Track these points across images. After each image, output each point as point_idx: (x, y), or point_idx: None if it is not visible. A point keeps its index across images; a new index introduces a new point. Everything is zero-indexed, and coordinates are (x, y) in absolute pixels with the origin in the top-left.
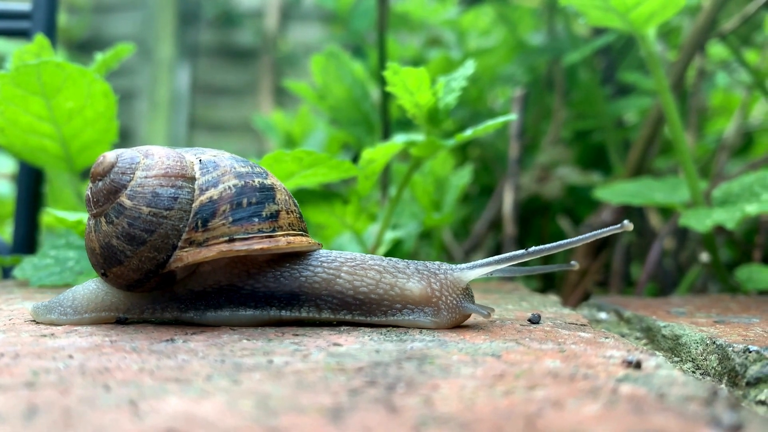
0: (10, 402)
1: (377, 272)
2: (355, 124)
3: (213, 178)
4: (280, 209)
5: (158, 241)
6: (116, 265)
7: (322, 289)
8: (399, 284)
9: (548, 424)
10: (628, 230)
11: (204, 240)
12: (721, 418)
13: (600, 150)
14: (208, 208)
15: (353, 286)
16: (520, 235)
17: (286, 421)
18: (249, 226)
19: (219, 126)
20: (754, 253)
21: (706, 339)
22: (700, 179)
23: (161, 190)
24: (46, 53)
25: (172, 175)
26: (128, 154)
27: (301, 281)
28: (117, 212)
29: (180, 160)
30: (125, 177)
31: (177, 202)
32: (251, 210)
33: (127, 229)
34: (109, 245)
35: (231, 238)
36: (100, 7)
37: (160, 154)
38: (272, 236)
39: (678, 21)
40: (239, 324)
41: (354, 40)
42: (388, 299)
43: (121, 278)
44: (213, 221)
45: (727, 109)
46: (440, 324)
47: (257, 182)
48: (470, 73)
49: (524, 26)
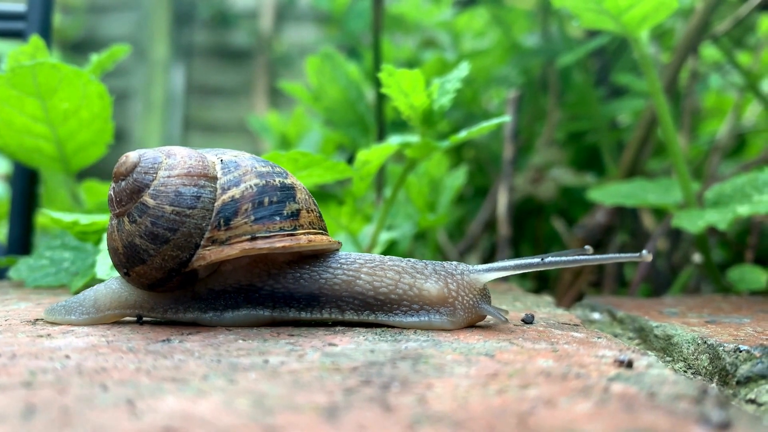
0: (8, 402)
1: (396, 273)
2: (350, 126)
3: (234, 178)
4: (301, 208)
5: (181, 240)
6: (139, 264)
7: (342, 291)
8: (417, 285)
9: (540, 423)
10: (646, 261)
11: (226, 238)
12: (710, 415)
13: (594, 151)
14: (230, 207)
15: (373, 287)
16: (515, 236)
17: (281, 420)
18: (271, 225)
19: (214, 127)
20: (746, 253)
21: (698, 339)
22: (694, 180)
23: (184, 189)
24: (42, 54)
25: (194, 175)
26: (150, 154)
27: (321, 283)
28: (140, 211)
29: (202, 159)
30: (148, 176)
31: (200, 201)
32: (273, 209)
33: (151, 228)
34: (132, 244)
35: (253, 237)
36: (95, 8)
37: (182, 154)
38: (293, 234)
39: (671, 23)
40: (257, 324)
41: (349, 42)
42: (407, 300)
43: (144, 277)
44: (235, 220)
45: (719, 111)
46: (456, 324)
47: (278, 181)
48: (465, 74)
49: (518, 28)
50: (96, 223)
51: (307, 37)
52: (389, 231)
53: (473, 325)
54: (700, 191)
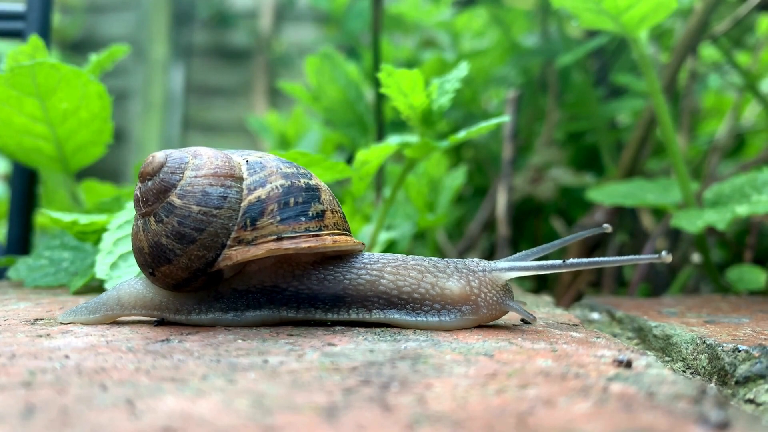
0: (8, 401)
1: (419, 272)
2: (349, 125)
3: (260, 179)
4: (326, 209)
5: (208, 240)
6: (165, 264)
7: (367, 291)
8: (440, 284)
9: (539, 422)
10: (666, 261)
11: (253, 239)
12: (708, 415)
13: (593, 151)
14: (256, 207)
15: (397, 286)
16: (514, 236)
17: (281, 420)
18: (296, 225)
19: (213, 126)
20: (745, 253)
21: (697, 339)
22: (693, 180)
23: (211, 189)
24: (41, 54)
25: (221, 175)
26: (177, 154)
27: (345, 284)
28: (167, 211)
29: (228, 160)
30: (175, 176)
31: (226, 201)
32: (298, 209)
33: (177, 228)
34: (158, 244)
35: (279, 237)
36: (94, 8)
37: (208, 154)
38: (319, 235)
39: (670, 23)
40: (280, 323)
41: (348, 42)
42: (429, 298)
43: (169, 277)
44: (261, 220)
45: (718, 111)
46: (480, 320)
47: (303, 182)
48: (464, 74)
49: (518, 28)
50: (95, 223)
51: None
52: (388, 231)
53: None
54: (699, 191)
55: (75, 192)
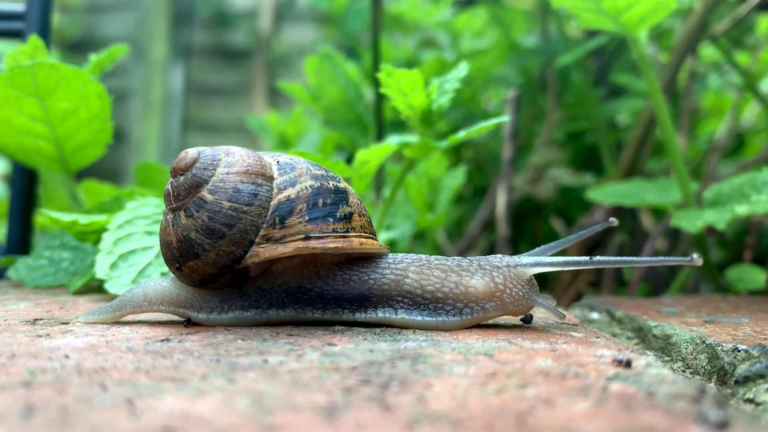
0: (8, 401)
1: (442, 271)
2: (349, 125)
3: (291, 179)
4: (353, 211)
5: (237, 236)
6: (193, 259)
7: (392, 290)
8: (463, 282)
9: (539, 422)
10: (697, 264)
11: (281, 237)
12: (708, 415)
13: (592, 151)
14: (285, 206)
15: (421, 285)
16: (514, 236)
17: (281, 419)
18: (324, 226)
19: (212, 126)
20: (744, 253)
21: (696, 338)
22: (692, 180)
23: (242, 186)
24: (40, 54)
25: (252, 173)
26: (209, 151)
27: (370, 283)
28: (197, 206)
29: (259, 159)
30: (207, 172)
31: (257, 198)
32: (326, 210)
33: (207, 223)
34: (188, 238)
35: (307, 236)
36: (94, 8)
37: (240, 153)
38: (346, 236)
39: (670, 23)
40: (305, 322)
41: (348, 42)
42: (452, 297)
43: (196, 272)
44: (290, 219)
45: (718, 111)
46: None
47: (332, 185)
48: (464, 74)
49: (517, 28)
50: (95, 223)
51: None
52: (388, 231)
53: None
54: (698, 191)
55: (75, 192)
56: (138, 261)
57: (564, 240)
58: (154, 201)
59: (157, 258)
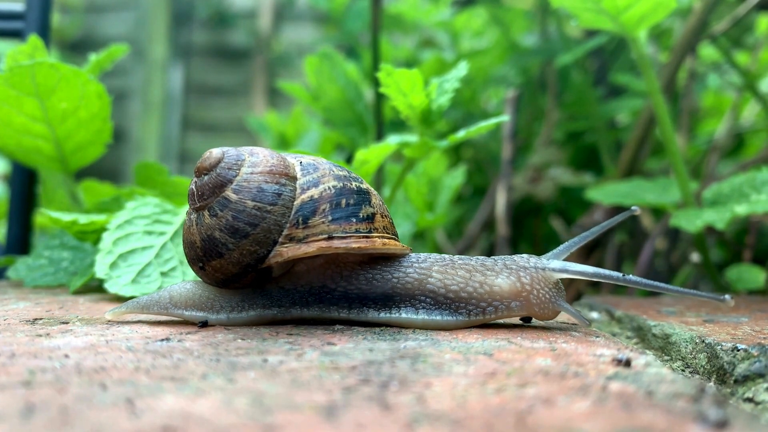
0: (8, 401)
1: (466, 271)
2: (348, 125)
3: (314, 179)
4: (376, 212)
5: (260, 235)
6: (216, 258)
7: (414, 289)
8: (488, 281)
9: (538, 421)
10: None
11: (304, 237)
12: (707, 414)
13: (592, 151)
14: (309, 206)
15: (444, 284)
16: (513, 236)
17: (280, 419)
18: (347, 226)
19: (212, 126)
20: (744, 253)
21: (696, 338)
22: (692, 180)
23: (266, 186)
24: (40, 54)
25: (276, 173)
26: (233, 151)
27: (393, 282)
28: (222, 205)
29: (283, 160)
30: (231, 172)
31: (280, 198)
32: (349, 210)
33: (231, 222)
34: (211, 237)
35: (330, 236)
36: (93, 7)
37: (264, 153)
38: (369, 237)
39: (669, 23)
40: (330, 320)
41: (347, 41)
42: (476, 297)
43: (219, 272)
44: (313, 219)
45: (718, 111)
46: (537, 317)
47: (354, 185)
48: (463, 74)
49: (517, 28)
50: (94, 222)
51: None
52: None
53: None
54: (698, 191)
55: (74, 192)
56: (138, 261)
57: (585, 234)
58: (154, 201)
59: (157, 258)
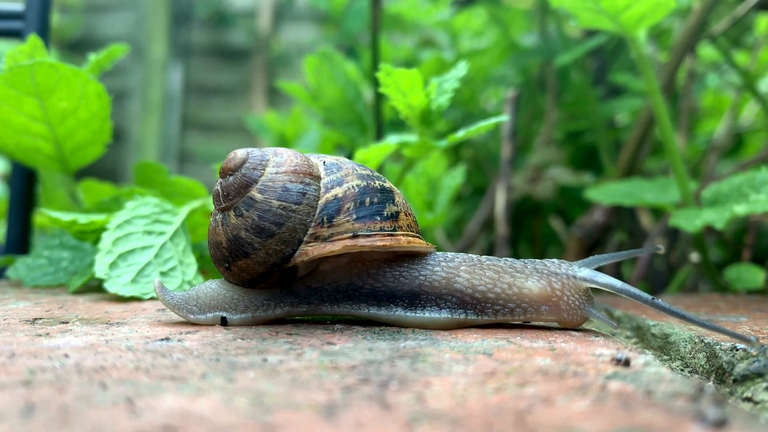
0: (8, 400)
1: (494, 272)
2: (348, 125)
3: (337, 178)
4: (400, 210)
5: (286, 234)
6: (242, 258)
7: (441, 288)
8: (517, 284)
9: (538, 420)
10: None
11: (329, 235)
12: (706, 413)
13: (591, 151)
14: (333, 205)
15: (471, 285)
16: (513, 236)
17: (280, 418)
18: (372, 224)
19: (212, 126)
20: (743, 252)
21: (695, 337)
22: (691, 180)
23: (291, 185)
24: (40, 54)
25: (300, 173)
26: (258, 152)
27: (420, 280)
28: (247, 205)
29: (307, 160)
30: (256, 172)
31: (305, 197)
32: (373, 209)
33: (257, 222)
34: (237, 237)
35: (355, 235)
36: (93, 7)
37: (287, 153)
38: (393, 235)
39: (668, 23)
40: (359, 317)
41: (347, 41)
42: (504, 298)
43: (245, 272)
44: (338, 218)
45: (717, 111)
46: (559, 322)
47: (378, 184)
48: (463, 74)
49: (516, 27)
50: (94, 222)
51: (305, 36)
52: None
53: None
54: (697, 190)
55: (74, 191)
56: (137, 260)
57: (615, 254)
58: (153, 201)
59: (157, 258)
